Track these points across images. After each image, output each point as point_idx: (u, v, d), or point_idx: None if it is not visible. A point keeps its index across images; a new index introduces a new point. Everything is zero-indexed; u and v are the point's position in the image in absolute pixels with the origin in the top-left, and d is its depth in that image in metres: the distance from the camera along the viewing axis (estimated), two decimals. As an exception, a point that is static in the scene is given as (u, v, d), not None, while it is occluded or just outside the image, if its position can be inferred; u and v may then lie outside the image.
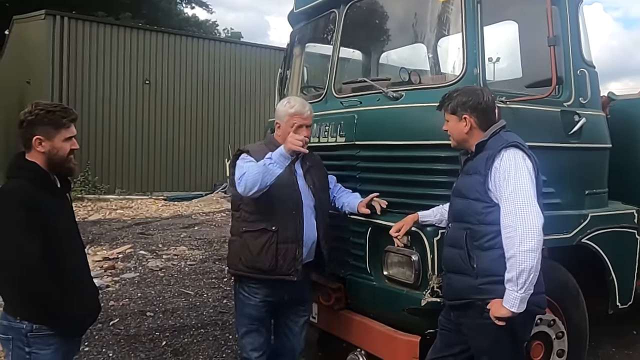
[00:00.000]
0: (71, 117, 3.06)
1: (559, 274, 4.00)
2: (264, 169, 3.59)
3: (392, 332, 3.93)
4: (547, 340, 3.95)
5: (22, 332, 2.91)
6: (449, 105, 3.37)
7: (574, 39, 4.34)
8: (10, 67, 29.45)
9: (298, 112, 3.92)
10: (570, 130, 4.19)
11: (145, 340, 5.90)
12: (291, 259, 3.81)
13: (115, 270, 9.17)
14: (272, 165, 3.62)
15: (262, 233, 3.80)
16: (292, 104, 3.95)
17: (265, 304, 3.92)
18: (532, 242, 2.94)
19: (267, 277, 3.83)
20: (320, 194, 4.05)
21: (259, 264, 3.81)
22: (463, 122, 3.32)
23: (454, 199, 3.40)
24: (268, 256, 3.79)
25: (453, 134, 3.40)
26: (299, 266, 3.83)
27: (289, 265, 3.81)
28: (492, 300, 3.07)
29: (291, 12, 5.56)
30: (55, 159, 3.00)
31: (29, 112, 3.00)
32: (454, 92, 3.42)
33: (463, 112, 3.31)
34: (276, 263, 3.79)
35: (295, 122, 3.90)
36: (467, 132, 3.32)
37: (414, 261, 3.78)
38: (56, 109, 3.02)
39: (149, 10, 40.17)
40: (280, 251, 3.79)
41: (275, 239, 3.79)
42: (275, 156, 3.65)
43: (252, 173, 3.60)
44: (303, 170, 4.01)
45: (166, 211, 17.44)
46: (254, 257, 3.82)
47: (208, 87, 24.57)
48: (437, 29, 4.50)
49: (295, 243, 3.83)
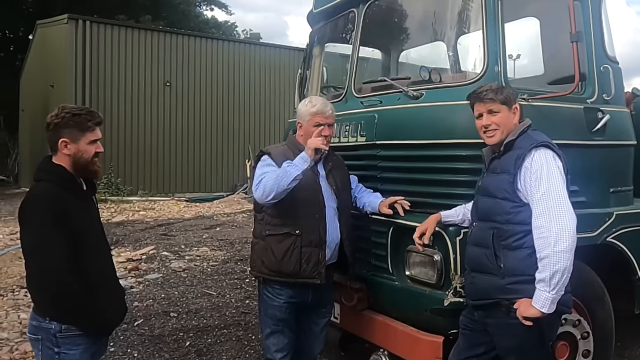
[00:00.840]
0: (96, 120, 3.08)
1: (584, 274, 3.94)
2: (282, 172, 3.61)
3: (415, 332, 3.91)
4: (573, 340, 3.90)
5: (51, 332, 2.94)
6: (500, 95, 3.26)
7: (597, 34, 4.27)
8: (34, 72, 29.85)
9: (320, 111, 3.89)
10: (594, 128, 4.13)
11: (169, 341, 5.93)
12: (315, 262, 3.80)
13: (139, 271, 9.25)
14: (290, 167, 3.62)
15: (285, 237, 3.80)
16: (314, 104, 3.93)
17: (289, 305, 3.91)
18: (566, 243, 2.92)
19: (291, 280, 3.83)
20: (343, 194, 4.03)
21: (283, 268, 3.80)
22: (513, 113, 3.28)
23: (479, 197, 3.36)
24: (292, 260, 3.78)
25: (504, 126, 3.26)
26: (322, 269, 3.82)
27: (312, 269, 3.80)
28: (519, 300, 3.04)
29: (310, 12, 5.56)
30: (80, 161, 3.02)
31: (56, 115, 3.04)
32: (491, 85, 3.35)
33: (514, 103, 3.28)
34: (300, 267, 3.78)
35: (317, 121, 3.88)
36: (515, 123, 3.28)
37: (437, 261, 3.75)
38: (82, 112, 3.05)
39: (169, 12, 40.54)
40: (304, 255, 3.78)
41: (299, 242, 3.78)
42: (296, 159, 3.67)
43: (270, 179, 3.63)
44: (325, 171, 3.99)
45: (188, 212, 17.57)
46: (278, 261, 3.81)
47: (228, 88, 24.72)
48: (457, 26, 4.49)
49: (319, 247, 3.81)
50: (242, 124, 24.99)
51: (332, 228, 3.89)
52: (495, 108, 3.28)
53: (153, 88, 22.99)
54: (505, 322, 3.14)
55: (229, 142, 24.69)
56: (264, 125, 25.16)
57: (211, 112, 24.24)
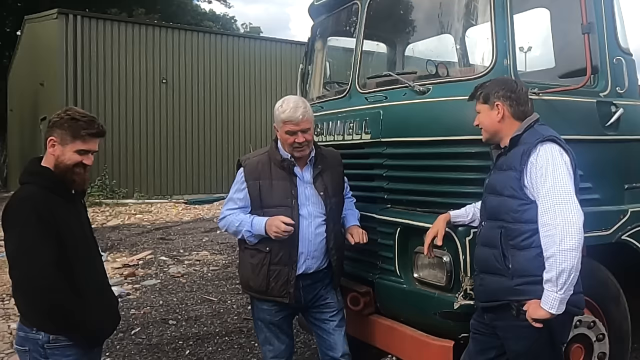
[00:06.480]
0: (91, 131, 3.05)
1: (598, 273, 3.98)
2: (238, 227, 3.85)
3: (424, 337, 3.93)
4: (587, 342, 3.92)
5: (39, 343, 2.95)
6: (481, 94, 3.36)
7: (610, 25, 4.29)
8: (23, 69, 29.94)
9: (289, 118, 3.79)
10: (607, 122, 4.15)
11: (168, 350, 5.98)
12: (283, 281, 3.83)
13: (135, 277, 9.31)
14: (246, 233, 3.82)
15: (257, 252, 3.87)
16: (284, 109, 3.82)
17: (279, 307, 3.94)
18: (572, 241, 2.93)
19: (260, 297, 3.92)
20: (333, 199, 4.00)
21: (252, 283, 3.91)
22: (495, 110, 3.30)
23: (487, 196, 3.39)
24: (260, 277, 3.85)
25: (485, 125, 3.37)
26: (291, 289, 3.83)
27: (280, 288, 3.83)
28: (529, 301, 3.07)
29: (312, 4, 5.57)
30: (60, 166, 3.02)
31: (57, 114, 3.07)
32: (487, 82, 3.42)
33: (495, 100, 3.30)
34: (267, 284, 3.83)
35: (288, 129, 3.82)
36: (499, 121, 3.30)
37: (446, 262, 3.78)
38: (82, 118, 3.04)
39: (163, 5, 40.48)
40: (272, 273, 3.82)
41: (267, 260, 3.82)
42: (254, 229, 3.79)
43: (231, 224, 3.90)
44: (313, 175, 3.96)
45: (187, 215, 17.62)
46: (248, 276, 3.93)
47: (227, 85, 24.72)
48: (465, 18, 4.51)
49: (289, 266, 3.82)
50: (242, 122, 25.00)
51: (316, 238, 3.90)
52: (477, 108, 3.41)
53: (148, 85, 23.02)
54: (515, 325, 3.17)
55: (229, 141, 24.71)
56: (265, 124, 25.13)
57: (210, 110, 24.25)
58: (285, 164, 3.87)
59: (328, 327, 4.06)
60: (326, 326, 4.07)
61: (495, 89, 3.32)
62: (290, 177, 3.86)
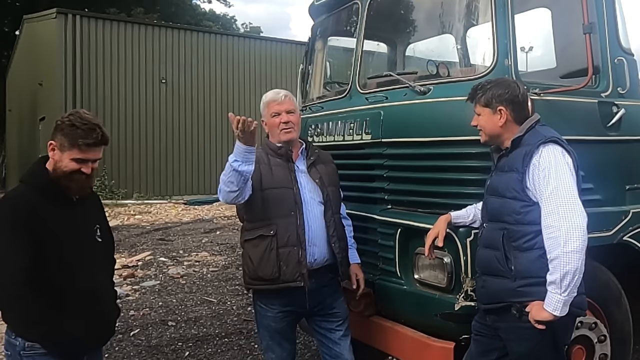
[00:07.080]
0: (88, 141, 2.96)
1: (599, 274, 3.97)
2: (230, 171, 3.55)
3: (424, 338, 3.93)
4: (589, 344, 3.92)
5: (17, 349, 2.88)
6: (482, 97, 3.34)
7: (611, 25, 4.30)
8: (22, 69, 29.94)
9: (272, 99, 3.99)
10: (609, 122, 4.15)
11: (167, 351, 5.98)
12: (295, 263, 3.70)
13: (135, 278, 9.31)
14: (235, 164, 3.54)
15: (260, 240, 3.75)
16: (266, 95, 4.06)
17: (284, 314, 3.86)
18: (576, 243, 2.93)
19: (272, 286, 3.76)
20: (329, 188, 3.96)
21: (261, 273, 3.73)
22: (498, 115, 3.29)
23: (488, 197, 3.39)
24: (269, 264, 3.70)
25: (486, 128, 3.37)
26: (304, 270, 3.70)
27: (292, 271, 3.70)
28: (532, 303, 3.07)
29: (312, 4, 5.58)
30: (57, 171, 2.97)
31: (61, 117, 3.00)
32: (487, 83, 3.39)
33: (498, 105, 3.28)
34: (279, 270, 3.69)
35: (273, 110, 3.96)
36: (502, 125, 3.29)
37: (447, 263, 3.79)
38: (82, 126, 2.94)
39: (162, 5, 40.42)
40: (281, 256, 3.69)
41: (274, 244, 3.70)
42: (237, 154, 3.57)
43: (222, 180, 3.64)
44: (307, 165, 3.96)
45: (186, 215, 17.64)
46: (256, 267, 3.75)
47: (227, 85, 24.74)
48: (466, 18, 4.51)
49: (298, 246, 3.71)
50: (241, 122, 24.97)
51: (317, 224, 3.84)
52: (477, 109, 3.38)
53: (148, 85, 23.04)
54: (518, 326, 3.17)
55: (229, 140, 24.66)
56: (265, 124, 25.14)
57: (209, 110, 24.25)
58: (282, 150, 3.88)
59: (334, 337, 3.99)
60: (332, 335, 4.00)
61: (498, 93, 3.29)
62: (287, 164, 3.86)
